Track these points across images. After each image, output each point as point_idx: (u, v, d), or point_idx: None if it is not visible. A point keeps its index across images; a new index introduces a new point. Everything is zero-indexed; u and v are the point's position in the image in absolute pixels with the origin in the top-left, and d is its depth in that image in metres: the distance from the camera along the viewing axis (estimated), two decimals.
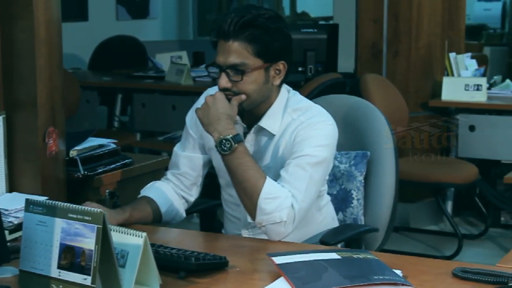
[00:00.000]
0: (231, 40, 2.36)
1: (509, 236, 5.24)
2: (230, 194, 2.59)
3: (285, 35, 2.42)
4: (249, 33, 2.35)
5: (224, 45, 2.37)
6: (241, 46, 2.36)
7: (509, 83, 5.53)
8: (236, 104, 2.38)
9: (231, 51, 2.36)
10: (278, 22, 2.40)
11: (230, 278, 2.00)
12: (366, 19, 5.48)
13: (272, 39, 2.37)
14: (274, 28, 2.38)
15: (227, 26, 2.35)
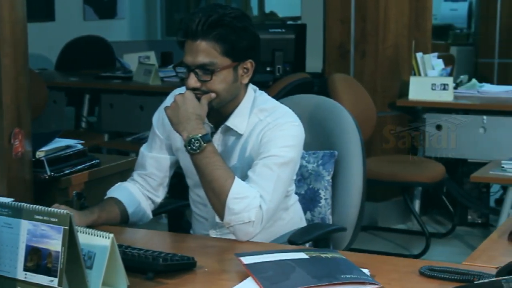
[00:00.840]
0: (199, 40, 2.36)
1: (475, 235, 5.29)
2: (198, 194, 2.58)
3: (252, 34, 2.43)
4: (217, 33, 2.35)
5: (192, 45, 2.37)
6: (209, 46, 2.35)
7: (475, 82, 5.58)
8: (205, 103, 2.38)
9: (199, 50, 2.36)
10: (245, 21, 2.41)
11: (198, 279, 2.00)
12: (333, 19, 5.50)
13: (239, 38, 2.38)
14: (241, 27, 2.38)
15: (195, 26, 2.35)
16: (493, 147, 5.04)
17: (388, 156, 5.42)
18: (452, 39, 9.82)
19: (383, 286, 1.87)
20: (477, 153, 5.14)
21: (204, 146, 2.32)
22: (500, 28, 7.88)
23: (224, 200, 2.32)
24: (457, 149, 5.19)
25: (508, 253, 2.14)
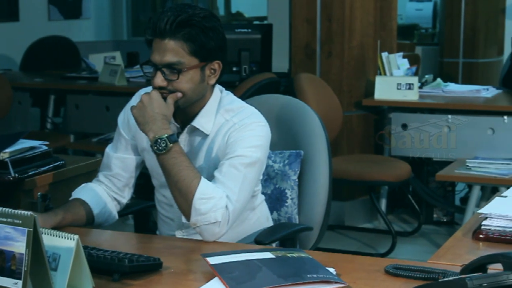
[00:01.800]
0: (167, 39, 2.35)
1: (441, 233, 5.33)
2: (163, 195, 2.58)
3: (220, 34, 2.42)
4: (185, 32, 2.35)
5: (160, 44, 2.36)
6: (177, 45, 2.35)
7: (440, 82, 5.62)
8: (172, 102, 2.37)
9: (167, 49, 2.35)
10: (213, 21, 2.41)
11: (164, 280, 1.99)
12: (299, 19, 5.51)
13: (208, 38, 2.38)
14: (209, 27, 2.38)
15: (163, 24, 2.34)
16: (458, 146, 5.08)
17: (354, 155, 5.45)
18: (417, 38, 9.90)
19: (349, 285, 1.87)
20: (442, 152, 5.18)
21: (170, 146, 2.32)
22: (464, 28, 7.95)
23: (190, 201, 2.32)
24: (423, 148, 5.23)
25: (472, 251, 2.15)
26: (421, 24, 10.26)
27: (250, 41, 5.61)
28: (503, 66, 6.15)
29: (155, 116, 2.33)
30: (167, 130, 2.33)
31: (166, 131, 2.33)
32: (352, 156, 5.39)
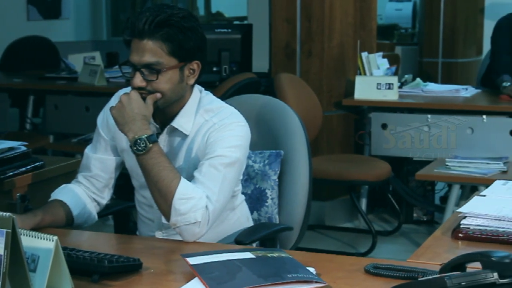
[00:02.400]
0: (146, 39, 2.34)
1: (421, 232, 5.35)
2: (143, 195, 2.57)
3: (199, 35, 2.42)
4: (164, 32, 2.34)
5: (138, 44, 2.36)
6: (156, 45, 2.34)
7: (419, 81, 5.64)
8: (151, 103, 2.37)
9: (145, 50, 2.34)
10: (192, 22, 2.40)
11: (144, 280, 1.99)
12: (279, 19, 5.52)
13: (187, 38, 2.37)
14: (188, 28, 2.38)
15: (142, 25, 2.33)
16: (438, 146, 5.11)
17: (334, 155, 5.46)
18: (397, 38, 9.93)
19: (329, 284, 1.88)
20: (422, 151, 5.20)
21: (150, 147, 2.31)
22: (443, 28, 7.99)
23: (170, 201, 2.31)
24: (402, 148, 5.25)
25: (451, 249, 2.16)
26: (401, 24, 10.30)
27: (230, 41, 5.61)
28: (481, 66, 6.18)
29: (134, 116, 2.33)
30: (147, 131, 2.33)
31: (146, 132, 2.32)
32: (332, 156, 5.40)
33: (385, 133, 5.24)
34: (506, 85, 5.21)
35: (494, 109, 5.10)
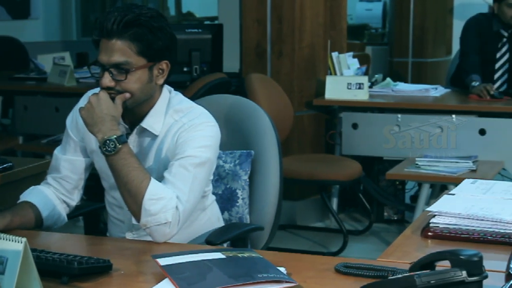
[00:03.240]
0: (115, 39, 2.33)
1: (392, 231, 5.38)
2: (113, 196, 2.56)
3: (168, 34, 2.41)
4: (133, 32, 2.33)
5: (107, 44, 2.35)
6: (125, 45, 2.34)
7: (389, 81, 5.67)
8: (120, 103, 2.36)
9: (114, 49, 2.34)
10: (161, 21, 2.40)
11: (114, 281, 1.98)
12: (250, 19, 5.52)
13: (156, 38, 2.37)
14: (157, 27, 2.37)
15: (110, 24, 2.32)
16: (408, 145, 5.13)
17: (305, 155, 5.47)
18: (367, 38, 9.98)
19: (299, 284, 1.88)
20: (393, 150, 5.23)
21: (119, 148, 2.30)
22: (413, 28, 8.04)
23: (140, 202, 2.30)
24: (373, 147, 5.27)
25: (421, 248, 2.17)
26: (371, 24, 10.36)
27: (201, 41, 5.61)
28: (451, 66, 6.23)
29: (103, 117, 2.32)
30: (116, 131, 2.32)
31: (115, 132, 2.31)
32: (303, 156, 5.41)
33: (356, 132, 5.26)
34: (475, 85, 5.25)
35: (464, 108, 5.14)
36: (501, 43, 5.55)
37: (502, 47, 5.56)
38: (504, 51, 5.55)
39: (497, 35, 5.54)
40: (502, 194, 2.48)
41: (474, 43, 5.51)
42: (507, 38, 5.54)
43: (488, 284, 1.68)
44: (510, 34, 5.53)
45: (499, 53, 5.56)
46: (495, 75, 5.59)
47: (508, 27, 5.50)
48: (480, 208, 2.29)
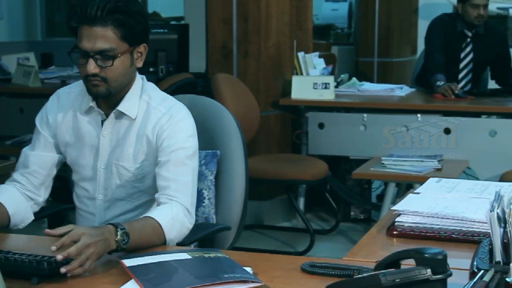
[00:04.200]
0: (98, 26, 2.34)
1: (358, 230, 5.41)
2: (85, 188, 2.56)
3: (145, 18, 2.46)
4: (115, 18, 2.35)
5: (89, 31, 2.35)
6: (109, 31, 2.35)
7: (355, 81, 5.70)
8: None
9: (98, 36, 2.35)
10: (138, 5, 2.44)
11: (79, 283, 1.96)
12: (215, 19, 5.52)
13: (136, 22, 2.40)
14: (136, 12, 2.40)
15: (94, 11, 2.33)
16: (374, 144, 5.17)
17: (272, 155, 5.48)
18: (333, 38, 10.01)
19: (266, 283, 1.88)
20: (359, 150, 5.26)
21: (128, 238, 2.16)
22: (379, 28, 8.08)
23: (164, 239, 2.31)
24: (339, 147, 5.29)
25: (386, 247, 2.18)
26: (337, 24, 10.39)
27: (167, 42, 5.59)
28: (416, 65, 6.27)
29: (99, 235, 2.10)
30: (111, 236, 2.13)
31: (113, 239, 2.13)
32: (270, 156, 5.42)
33: (322, 132, 5.28)
34: (440, 84, 5.30)
35: (428, 108, 5.18)
36: (465, 43, 5.61)
37: (466, 47, 5.61)
38: (468, 51, 5.61)
39: (461, 35, 5.59)
40: (466, 192, 2.50)
41: (438, 43, 5.56)
42: (471, 38, 5.59)
43: (453, 282, 1.69)
44: (474, 34, 5.59)
45: (463, 53, 5.61)
46: (460, 74, 5.65)
47: (472, 27, 5.55)
48: (445, 206, 2.31)
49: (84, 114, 2.53)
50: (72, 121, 2.54)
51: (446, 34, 5.57)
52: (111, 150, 2.51)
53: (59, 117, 2.56)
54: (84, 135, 2.53)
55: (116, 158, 2.51)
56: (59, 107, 2.57)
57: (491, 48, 5.61)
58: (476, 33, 5.59)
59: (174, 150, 2.44)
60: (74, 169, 2.58)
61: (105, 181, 2.54)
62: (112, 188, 2.54)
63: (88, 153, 2.54)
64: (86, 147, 2.54)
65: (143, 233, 2.25)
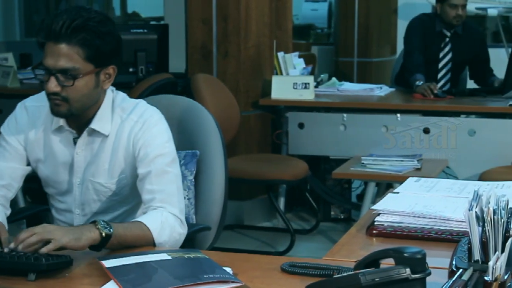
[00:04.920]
0: (62, 43, 2.26)
1: (339, 230, 5.41)
2: (62, 201, 2.53)
3: (115, 38, 2.36)
4: (81, 37, 2.27)
5: (54, 48, 2.27)
6: (73, 50, 2.27)
7: (335, 81, 5.71)
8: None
9: (61, 54, 2.27)
10: (109, 26, 2.34)
11: (58, 285, 1.95)
12: (195, 19, 5.51)
13: (104, 43, 2.31)
14: (105, 32, 2.31)
15: (59, 28, 2.25)
16: (354, 144, 5.18)
17: (252, 155, 5.48)
18: (313, 38, 10.04)
19: (246, 284, 1.88)
20: (339, 150, 5.27)
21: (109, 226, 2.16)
22: (358, 28, 8.11)
23: (153, 242, 2.29)
24: (319, 147, 5.30)
25: (366, 246, 2.19)
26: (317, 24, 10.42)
27: (146, 42, 5.58)
28: (395, 65, 6.29)
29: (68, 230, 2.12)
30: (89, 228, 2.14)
31: (93, 225, 2.14)
32: (250, 156, 5.42)
33: (302, 132, 5.29)
34: (419, 84, 5.32)
35: (408, 107, 5.20)
36: (444, 42, 5.63)
37: (445, 46, 5.64)
38: (446, 50, 5.64)
39: (440, 35, 5.62)
40: (445, 192, 2.52)
41: (417, 42, 5.58)
42: (450, 38, 5.62)
43: (432, 281, 1.70)
44: (452, 34, 5.62)
45: (442, 52, 5.64)
46: (439, 74, 5.67)
47: (451, 27, 5.58)
48: (424, 206, 2.32)
49: (55, 132, 2.46)
50: (43, 139, 2.47)
51: (425, 34, 5.60)
52: (85, 166, 2.47)
53: (30, 133, 2.48)
54: (56, 153, 2.47)
55: (91, 174, 2.46)
56: (30, 122, 2.49)
57: (469, 47, 5.64)
58: (454, 33, 5.61)
59: (152, 159, 2.39)
60: (48, 184, 2.54)
61: (81, 196, 2.50)
62: (89, 203, 2.51)
63: (63, 170, 2.49)
64: (59, 165, 2.48)
65: (128, 229, 2.23)
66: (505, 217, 1.71)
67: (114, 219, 2.53)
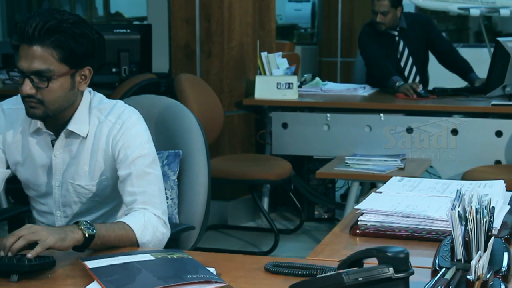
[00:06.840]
0: (35, 45, 2.25)
1: (322, 229, 5.42)
2: (44, 203, 2.52)
3: (90, 40, 2.35)
4: (55, 39, 2.26)
5: (27, 50, 2.26)
6: (47, 52, 2.26)
7: (318, 80, 5.71)
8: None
9: (35, 56, 2.25)
10: (83, 27, 2.33)
11: (42, 286, 1.95)
12: (178, 19, 5.50)
13: (78, 44, 2.30)
14: (79, 34, 2.31)
15: (31, 30, 2.24)
16: (337, 144, 5.19)
17: (236, 155, 5.48)
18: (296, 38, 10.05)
19: (229, 284, 1.88)
20: (322, 149, 5.27)
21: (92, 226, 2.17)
22: (341, 28, 8.12)
23: (136, 242, 2.30)
24: (303, 146, 5.31)
25: (349, 246, 2.19)
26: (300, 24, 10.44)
27: (129, 42, 5.56)
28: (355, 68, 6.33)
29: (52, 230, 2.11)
30: (72, 229, 2.14)
31: (75, 226, 2.15)
32: (233, 156, 5.42)
33: (286, 132, 5.29)
34: (401, 84, 5.33)
35: (391, 107, 5.22)
36: (395, 42, 5.68)
37: (398, 44, 5.68)
38: (401, 47, 5.68)
39: (388, 36, 5.66)
40: (428, 191, 2.52)
41: (376, 50, 5.60)
42: (398, 35, 5.66)
43: (415, 280, 1.70)
44: (399, 31, 5.66)
45: (398, 52, 5.68)
46: (405, 72, 5.71)
47: (392, 28, 5.62)
48: (407, 205, 2.32)
49: (33, 135, 2.45)
50: (22, 141, 2.47)
51: (377, 41, 5.63)
52: (65, 168, 2.46)
53: (8, 135, 2.47)
54: (35, 156, 2.46)
55: (71, 177, 2.46)
56: (8, 125, 2.48)
57: (419, 35, 5.70)
58: (400, 29, 5.67)
59: (132, 160, 2.38)
60: (29, 186, 2.53)
61: (61, 198, 2.50)
62: (70, 205, 2.51)
63: (42, 173, 2.48)
64: (38, 168, 2.48)
65: (111, 229, 2.23)
66: (488, 216, 1.72)
67: (96, 220, 2.52)
